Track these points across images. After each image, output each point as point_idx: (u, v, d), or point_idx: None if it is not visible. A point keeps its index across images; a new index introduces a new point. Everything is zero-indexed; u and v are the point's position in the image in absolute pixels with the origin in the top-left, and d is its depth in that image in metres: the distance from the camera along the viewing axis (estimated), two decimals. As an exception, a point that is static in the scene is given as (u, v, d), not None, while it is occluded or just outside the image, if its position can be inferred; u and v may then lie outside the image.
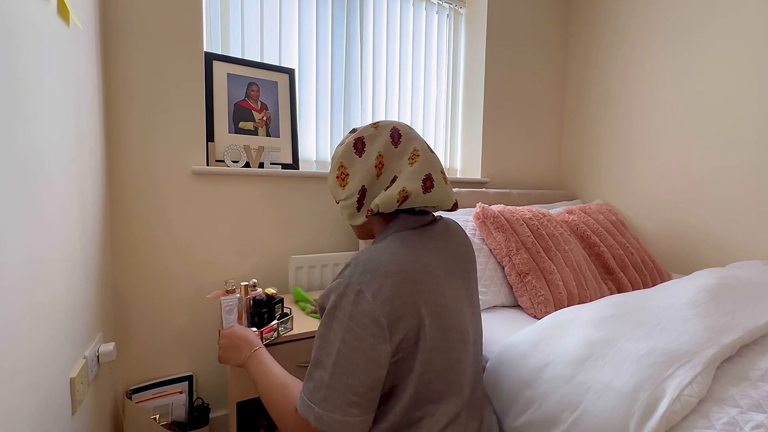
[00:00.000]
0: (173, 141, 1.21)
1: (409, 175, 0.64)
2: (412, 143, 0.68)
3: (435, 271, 0.63)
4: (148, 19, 1.15)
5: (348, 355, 0.54)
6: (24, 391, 0.60)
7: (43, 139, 0.68)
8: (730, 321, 0.87)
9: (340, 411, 0.53)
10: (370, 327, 0.54)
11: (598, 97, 2.01)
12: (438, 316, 0.60)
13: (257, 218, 1.37)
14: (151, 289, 1.21)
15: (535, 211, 1.36)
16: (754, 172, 1.49)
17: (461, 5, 1.89)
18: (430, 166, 0.66)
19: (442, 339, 0.60)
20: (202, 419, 1.20)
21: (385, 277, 0.57)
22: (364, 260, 0.59)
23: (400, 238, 0.64)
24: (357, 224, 0.69)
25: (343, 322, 0.55)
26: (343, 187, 0.68)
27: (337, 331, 0.55)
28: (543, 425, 0.73)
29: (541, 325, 0.91)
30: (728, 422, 0.64)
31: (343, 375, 0.53)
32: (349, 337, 0.54)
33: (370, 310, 0.54)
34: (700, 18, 1.62)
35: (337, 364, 0.54)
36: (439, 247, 0.67)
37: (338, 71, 1.58)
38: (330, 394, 0.53)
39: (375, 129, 0.69)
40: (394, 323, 0.56)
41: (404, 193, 0.62)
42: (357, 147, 0.68)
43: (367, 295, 0.55)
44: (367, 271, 0.57)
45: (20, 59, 0.60)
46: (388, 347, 0.55)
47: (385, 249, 0.61)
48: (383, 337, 0.55)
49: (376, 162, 0.66)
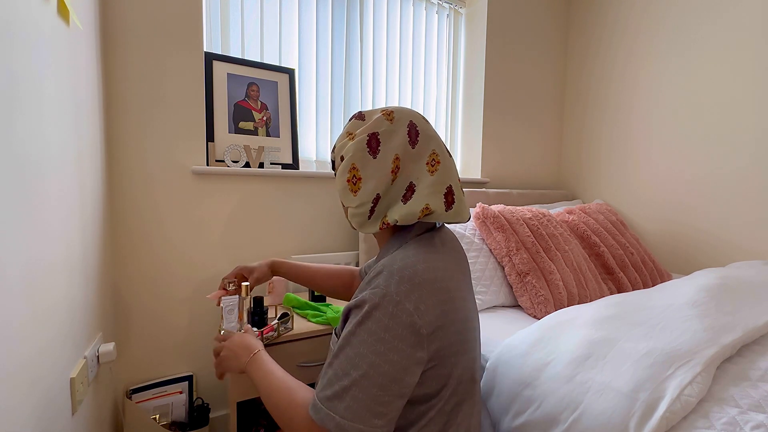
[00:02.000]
0: (173, 141, 1.21)
1: (430, 188, 0.60)
2: (430, 144, 0.63)
3: (456, 275, 0.62)
4: (148, 19, 1.15)
5: (382, 368, 0.51)
6: (24, 391, 0.60)
7: (42, 139, 0.68)
8: (730, 321, 0.87)
9: (362, 422, 0.51)
10: (408, 338, 0.52)
11: (598, 97, 2.01)
12: (464, 321, 0.60)
13: (257, 218, 1.37)
14: (152, 289, 1.21)
15: (535, 211, 1.36)
16: (754, 172, 1.49)
17: (461, 5, 1.89)
18: (449, 175, 0.63)
19: (467, 342, 0.60)
20: (202, 419, 1.20)
21: (422, 287, 0.54)
22: (399, 269, 0.55)
23: (424, 242, 0.62)
24: (366, 232, 0.64)
25: (377, 334, 0.52)
26: (355, 193, 0.62)
27: (369, 342, 0.52)
28: (543, 425, 0.73)
29: (541, 325, 0.91)
30: (728, 422, 0.64)
31: (372, 387, 0.51)
32: (384, 349, 0.51)
33: (410, 321, 0.52)
34: (699, 18, 1.62)
35: (367, 376, 0.51)
36: (451, 251, 0.67)
37: (338, 71, 1.58)
38: (354, 404, 0.51)
39: (390, 122, 0.62)
40: (435, 332, 0.54)
41: (427, 211, 0.59)
42: (371, 145, 0.61)
43: (408, 306, 0.52)
44: (404, 280, 0.54)
45: (20, 59, 0.60)
46: (424, 355, 0.54)
47: (416, 255, 0.58)
48: (420, 346, 0.53)
49: (393, 166, 0.60)
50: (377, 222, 0.62)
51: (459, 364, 0.59)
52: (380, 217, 0.62)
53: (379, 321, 0.52)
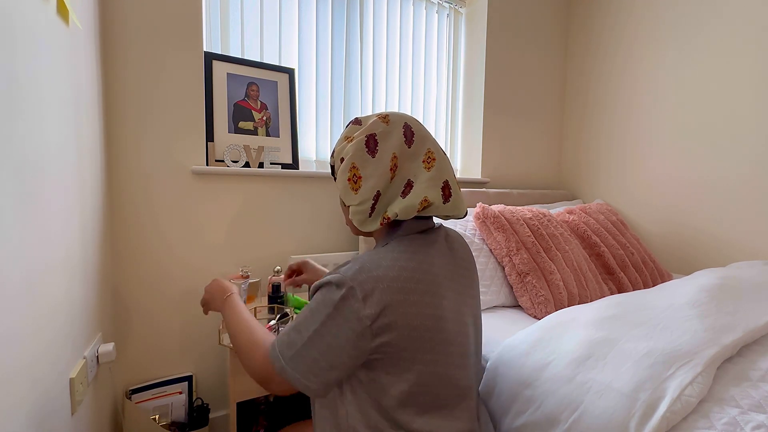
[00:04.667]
0: (173, 141, 1.21)
1: (427, 182, 0.63)
2: (425, 143, 0.66)
3: (437, 277, 0.62)
4: (147, 18, 1.15)
5: (325, 338, 0.57)
6: (24, 391, 0.60)
7: (42, 139, 0.68)
8: (730, 321, 0.87)
9: (301, 374, 0.57)
10: (352, 324, 0.56)
11: (598, 97, 2.00)
12: (434, 329, 0.60)
13: (257, 218, 1.37)
14: (151, 289, 1.21)
15: (535, 211, 1.36)
16: (754, 172, 1.49)
17: (461, 5, 1.89)
18: (446, 171, 0.65)
19: (437, 351, 0.60)
20: (202, 419, 1.20)
21: (379, 281, 0.56)
22: (365, 260, 0.59)
23: (405, 241, 0.63)
24: (367, 230, 0.65)
25: (328, 308, 0.57)
26: (356, 191, 0.63)
27: (322, 312, 0.58)
28: (543, 425, 0.73)
29: (542, 325, 0.91)
30: (729, 422, 0.64)
31: (313, 349, 0.57)
32: (330, 323, 0.57)
33: (356, 308, 0.56)
34: (699, 18, 1.62)
35: (311, 339, 0.58)
36: (441, 253, 0.66)
37: (338, 71, 1.58)
38: (297, 357, 0.58)
39: (386, 124, 0.65)
40: (382, 327, 0.56)
41: (426, 203, 0.61)
42: (369, 145, 0.64)
43: (358, 294, 0.56)
44: (364, 270, 0.57)
45: (19, 59, 0.60)
46: (366, 345, 0.57)
47: (388, 252, 0.60)
48: (363, 336, 0.56)
49: (391, 164, 0.63)
50: (378, 219, 0.64)
51: (423, 369, 0.59)
52: (381, 213, 0.64)
53: (331, 301, 0.57)
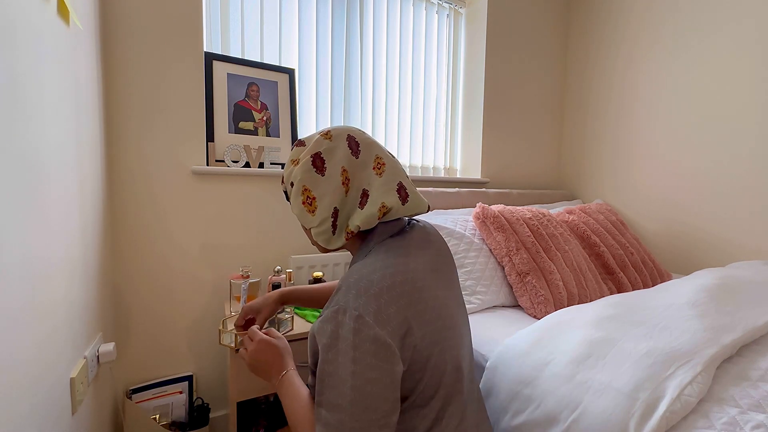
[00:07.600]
0: (173, 141, 1.21)
1: (382, 188, 0.62)
2: (372, 150, 0.66)
3: (424, 274, 0.62)
4: (148, 19, 1.15)
5: (365, 389, 0.50)
6: (24, 391, 0.60)
7: (43, 139, 0.68)
8: (730, 321, 0.87)
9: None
10: (379, 352, 0.51)
11: (598, 97, 2.01)
12: (439, 317, 0.60)
13: (257, 218, 1.37)
14: (151, 289, 1.21)
15: (535, 211, 1.36)
16: (753, 172, 1.49)
17: (461, 5, 1.89)
18: (398, 173, 0.65)
19: (442, 340, 0.60)
20: (202, 419, 1.20)
21: (380, 296, 0.54)
22: (355, 282, 0.56)
23: (384, 248, 0.63)
24: (335, 248, 0.64)
25: (348, 354, 0.51)
26: (313, 213, 0.63)
27: (345, 364, 0.51)
28: (543, 424, 0.73)
29: (541, 324, 0.91)
30: (728, 422, 0.64)
31: (364, 412, 0.50)
32: (360, 369, 0.50)
33: (374, 334, 0.51)
34: (699, 18, 1.62)
35: (354, 402, 0.50)
36: (423, 249, 0.66)
37: (338, 71, 1.58)
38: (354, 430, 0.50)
39: (329, 140, 0.65)
40: (402, 340, 0.54)
41: (384, 208, 0.61)
42: (316, 164, 0.63)
43: (367, 319, 0.52)
44: (360, 293, 0.54)
45: (20, 59, 0.60)
46: (401, 367, 0.53)
47: (372, 264, 0.58)
48: (395, 358, 0.52)
49: (342, 179, 0.62)
50: (342, 234, 0.63)
51: (433, 355, 0.58)
52: (343, 228, 0.63)
53: (346, 340, 0.51)
